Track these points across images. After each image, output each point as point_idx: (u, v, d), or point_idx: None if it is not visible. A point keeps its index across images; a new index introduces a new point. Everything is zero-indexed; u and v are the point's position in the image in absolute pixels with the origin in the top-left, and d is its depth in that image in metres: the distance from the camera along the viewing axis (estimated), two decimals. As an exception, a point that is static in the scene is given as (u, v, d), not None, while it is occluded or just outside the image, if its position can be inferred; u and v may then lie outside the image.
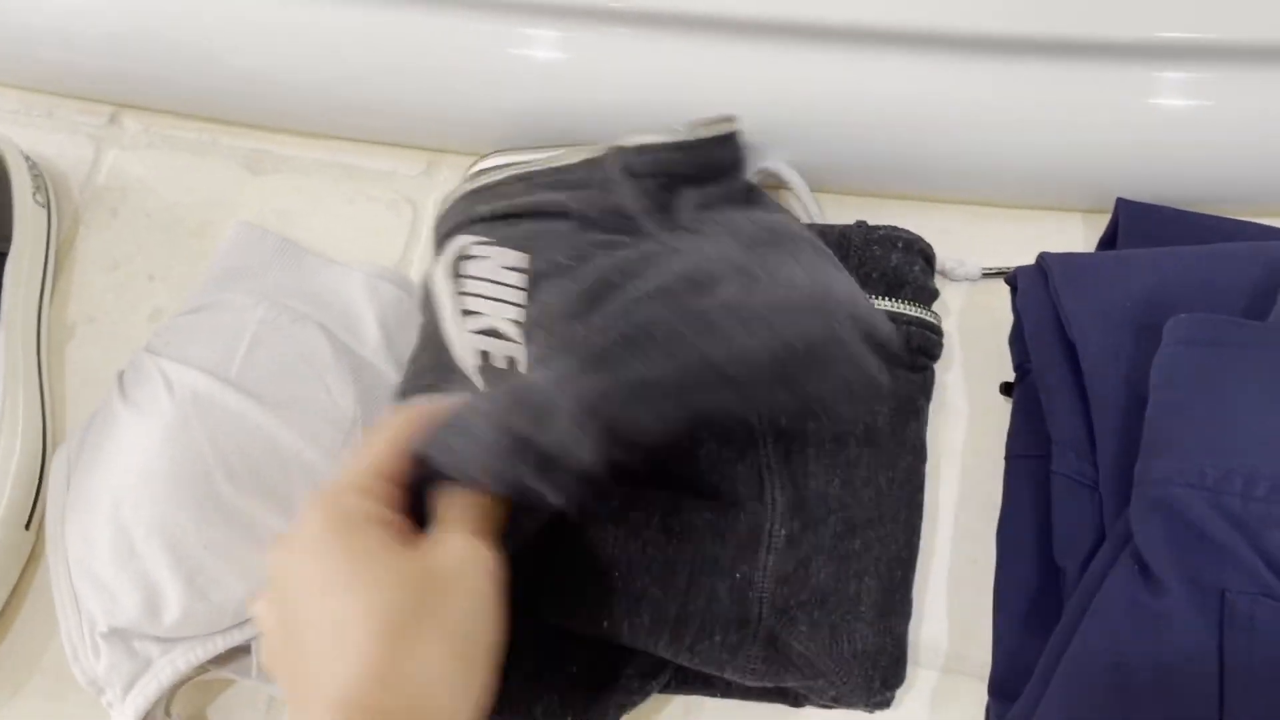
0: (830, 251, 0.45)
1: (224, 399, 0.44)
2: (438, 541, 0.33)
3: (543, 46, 0.50)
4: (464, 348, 0.42)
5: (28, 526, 0.48)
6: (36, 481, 0.49)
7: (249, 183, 0.55)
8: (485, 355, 0.42)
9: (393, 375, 0.48)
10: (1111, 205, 0.49)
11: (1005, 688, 0.41)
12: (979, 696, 0.43)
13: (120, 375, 0.47)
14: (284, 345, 0.46)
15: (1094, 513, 0.41)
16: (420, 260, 0.53)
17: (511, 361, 0.42)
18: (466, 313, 0.42)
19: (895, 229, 0.48)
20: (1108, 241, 0.49)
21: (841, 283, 0.42)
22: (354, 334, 0.49)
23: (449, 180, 0.54)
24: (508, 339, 0.42)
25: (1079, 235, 0.51)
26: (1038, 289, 0.45)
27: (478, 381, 0.42)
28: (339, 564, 0.32)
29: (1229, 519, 0.37)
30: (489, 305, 0.43)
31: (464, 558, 0.33)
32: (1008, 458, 0.45)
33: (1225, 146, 0.48)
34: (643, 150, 0.44)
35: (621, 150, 0.44)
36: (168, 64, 0.54)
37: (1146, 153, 0.49)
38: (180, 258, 0.54)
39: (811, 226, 0.48)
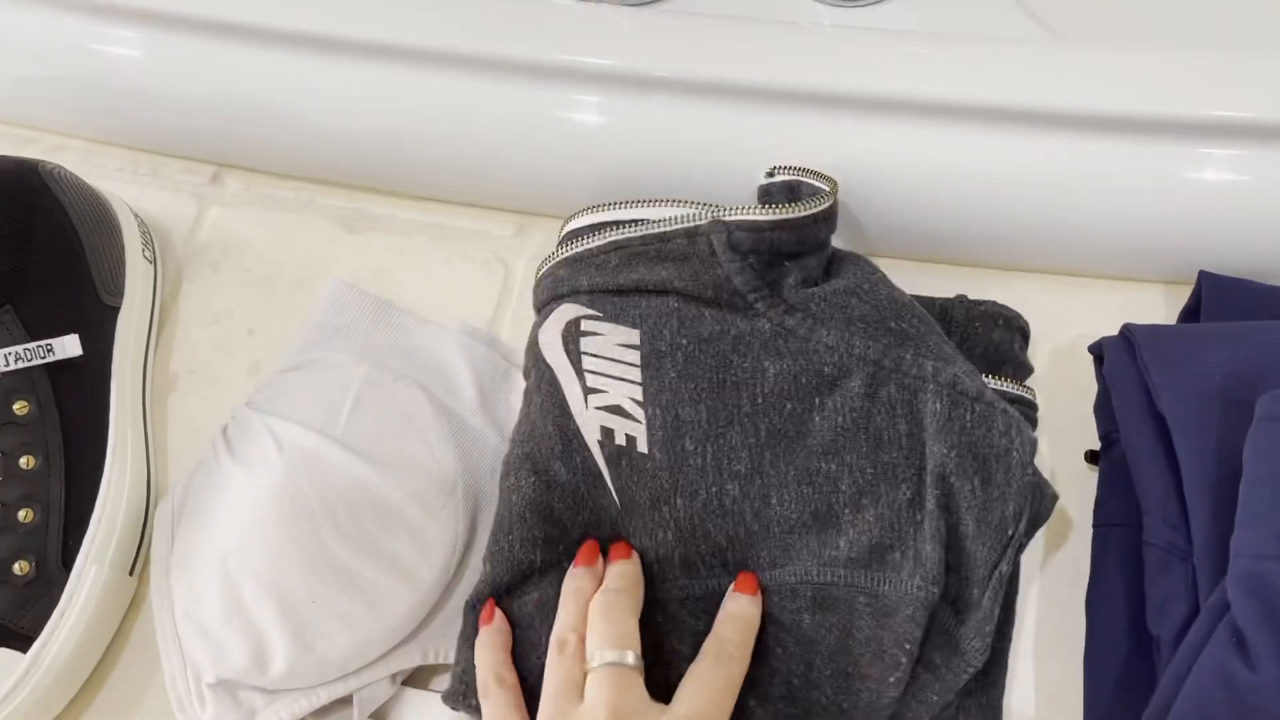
0: (936, 324, 0.46)
1: (331, 456, 0.45)
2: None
3: (625, 113, 0.52)
4: (588, 422, 0.44)
5: (131, 572, 0.50)
6: (140, 529, 0.50)
7: (345, 241, 0.57)
8: (609, 432, 0.44)
9: (491, 434, 0.50)
10: (1193, 278, 0.50)
11: (1098, 757, 0.42)
12: (1071, 764, 0.43)
13: (224, 430, 0.48)
14: (386, 404, 0.48)
15: (1187, 583, 0.41)
16: (512, 321, 0.54)
17: (631, 440, 0.43)
18: (590, 390, 0.44)
19: (996, 305, 0.49)
20: (1190, 313, 0.50)
21: (964, 369, 0.44)
22: (452, 393, 0.50)
23: (540, 241, 0.56)
24: (630, 417, 0.44)
25: (1160, 307, 0.52)
26: (1124, 359, 0.46)
27: (598, 454, 0.44)
28: None
29: None
30: (610, 383, 0.44)
31: None
32: (1096, 526, 0.46)
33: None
34: (746, 227, 0.44)
35: (725, 225, 0.44)
36: (266, 125, 0.57)
37: (1226, 227, 0.50)
38: (278, 313, 0.56)
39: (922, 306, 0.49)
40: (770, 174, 0.48)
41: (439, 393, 0.50)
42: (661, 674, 0.42)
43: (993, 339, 0.49)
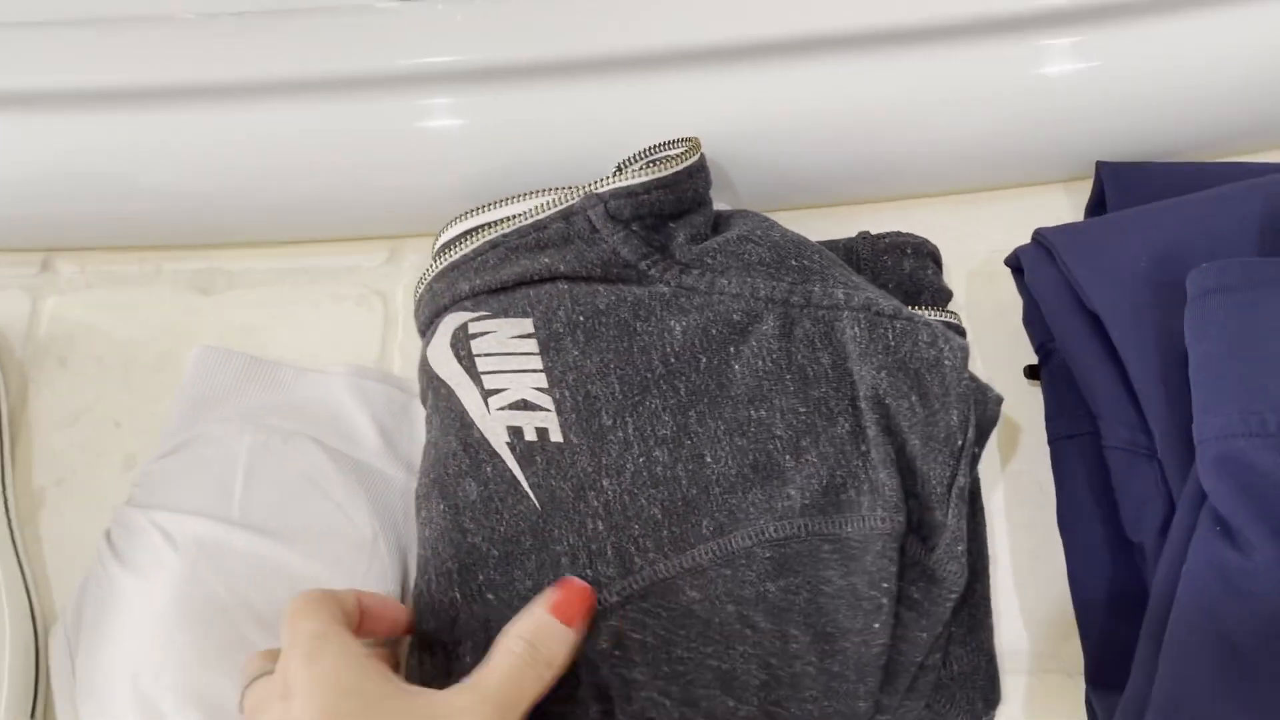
0: (842, 262, 0.44)
1: (231, 541, 0.41)
2: (451, 695, 0.34)
3: (478, 110, 0.48)
4: (492, 426, 0.41)
5: (33, 716, 0.44)
6: (34, 668, 0.45)
7: (202, 306, 0.52)
8: (517, 431, 0.40)
9: (401, 476, 0.45)
10: (1090, 171, 0.49)
11: (1103, 676, 0.40)
12: (1075, 692, 0.41)
13: (108, 536, 0.43)
14: (281, 469, 0.43)
15: (1157, 481, 0.40)
16: (401, 351, 0.50)
17: (543, 433, 0.40)
18: (489, 391, 0.41)
19: (900, 234, 0.48)
20: (1095, 207, 0.49)
21: (876, 292, 0.41)
22: (351, 441, 0.46)
23: (415, 264, 0.52)
24: (537, 408, 0.40)
25: (1064, 206, 0.50)
26: (1043, 265, 0.44)
27: (509, 457, 0.40)
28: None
29: None
30: (510, 379, 0.41)
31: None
32: (1051, 441, 0.44)
33: (1189, 92, 0.48)
34: (622, 194, 0.43)
35: (599, 197, 0.43)
36: (92, 197, 0.51)
37: (1114, 111, 0.49)
38: (143, 398, 0.50)
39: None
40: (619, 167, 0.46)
41: (337, 444, 0.45)
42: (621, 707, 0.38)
43: (904, 269, 0.47)
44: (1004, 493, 0.46)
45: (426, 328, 0.45)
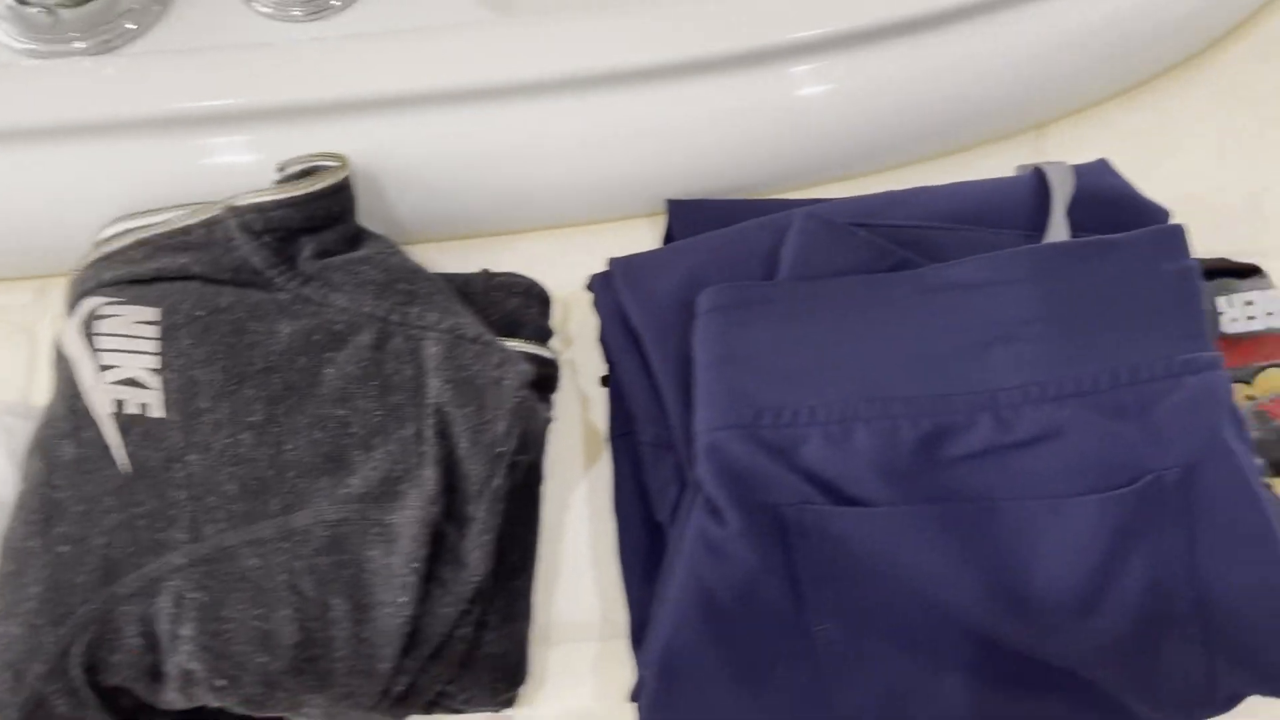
0: (450, 288, 0.50)
1: None
2: None
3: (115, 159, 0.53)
4: (99, 398, 0.45)
5: None
6: None
7: None
8: (120, 404, 0.45)
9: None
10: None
11: (639, 637, 0.47)
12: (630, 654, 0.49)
13: None
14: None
15: (674, 470, 0.47)
16: (48, 387, 0.53)
17: (145, 407, 0.45)
18: (103, 367, 0.46)
19: (514, 276, 0.54)
20: (666, 238, 0.57)
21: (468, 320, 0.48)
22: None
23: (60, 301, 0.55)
24: (144, 387, 0.46)
25: (648, 238, 0.58)
26: (606, 290, 0.52)
27: (109, 427, 0.45)
28: None
29: (765, 447, 0.44)
30: (125, 358, 0.46)
31: None
32: (610, 439, 0.52)
33: (737, 140, 0.56)
34: (254, 209, 0.48)
35: (236, 210, 0.48)
36: None
37: (686, 154, 0.57)
38: None
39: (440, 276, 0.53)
40: (281, 168, 0.51)
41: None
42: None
43: (509, 306, 0.53)
44: (592, 488, 0.53)
45: (71, 308, 0.49)
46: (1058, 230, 0.49)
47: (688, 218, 0.55)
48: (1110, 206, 0.51)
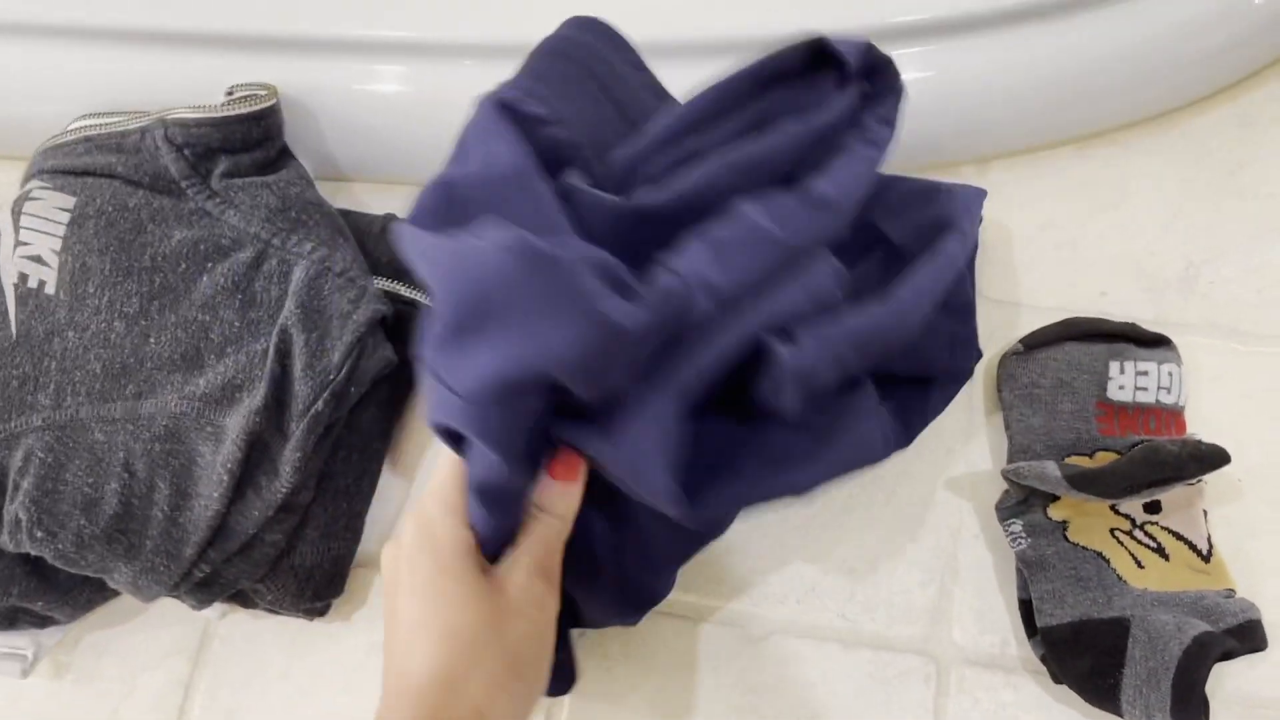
0: (340, 224, 0.54)
1: None
2: (508, 572, 0.38)
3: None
4: (9, 269, 0.51)
5: None
6: None
7: None
8: (24, 277, 0.51)
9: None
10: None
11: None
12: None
13: None
14: None
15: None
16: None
17: (42, 283, 0.51)
18: (19, 242, 0.52)
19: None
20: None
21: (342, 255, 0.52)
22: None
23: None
24: (46, 265, 0.51)
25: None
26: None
27: (10, 295, 0.51)
28: (426, 575, 0.37)
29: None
30: (37, 237, 0.52)
31: (528, 591, 0.38)
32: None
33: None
34: (179, 124, 0.53)
35: (164, 121, 0.53)
36: None
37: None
38: None
39: (347, 214, 0.57)
40: (230, 91, 0.56)
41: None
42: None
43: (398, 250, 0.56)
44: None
45: (23, 186, 0.55)
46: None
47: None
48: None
